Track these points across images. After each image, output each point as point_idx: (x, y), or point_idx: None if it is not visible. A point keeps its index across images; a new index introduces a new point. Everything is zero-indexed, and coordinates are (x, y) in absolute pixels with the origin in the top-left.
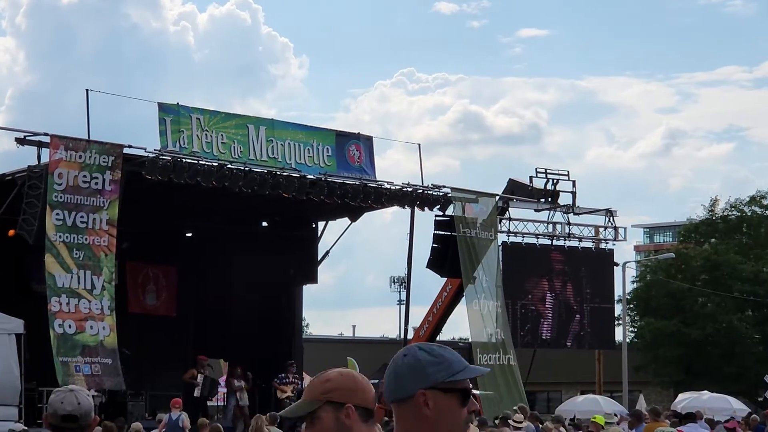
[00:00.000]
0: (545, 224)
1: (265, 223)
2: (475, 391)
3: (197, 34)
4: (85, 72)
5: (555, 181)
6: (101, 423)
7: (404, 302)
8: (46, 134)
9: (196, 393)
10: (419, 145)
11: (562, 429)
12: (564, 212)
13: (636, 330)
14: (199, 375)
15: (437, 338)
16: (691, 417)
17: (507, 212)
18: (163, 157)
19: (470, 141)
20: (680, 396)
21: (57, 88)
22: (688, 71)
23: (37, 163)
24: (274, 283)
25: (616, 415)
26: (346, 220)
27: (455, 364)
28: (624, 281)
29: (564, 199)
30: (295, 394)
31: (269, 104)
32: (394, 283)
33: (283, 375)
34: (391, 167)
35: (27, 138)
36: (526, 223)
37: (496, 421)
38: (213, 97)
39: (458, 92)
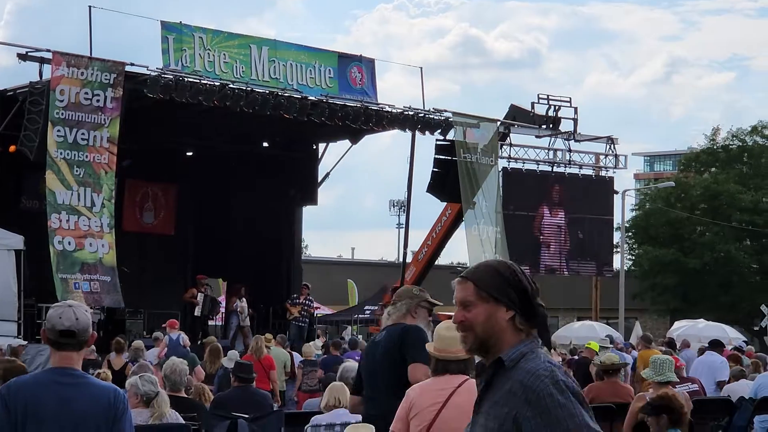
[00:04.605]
0: (546, 151)
1: (266, 144)
2: None
3: None
4: None
5: (557, 107)
6: (112, 339)
7: (403, 225)
8: (48, 50)
9: (197, 312)
10: (421, 68)
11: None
12: (565, 139)
13: (634, 258)
14: (199, 294)
15: (436, 262)
16: (717, 344)
17: (508, 138)
18: (165, 76)
19: (470, 65)
20: (676, 324)
21: (56, 3)
22: None
23: (38, 79)
24: (274, 204)
25: (608, 337)
26: (346, 143)
27: None
28: (623, 209)
29: (565, 126)
30: (302, 316)
31: (269, 24)
32: (394, 206)
33: (295, 296)
34: (390, 90)
35: (29, 54)
36: (526, 149)
37: None
38: (213, 16)
39: (459, 16)
